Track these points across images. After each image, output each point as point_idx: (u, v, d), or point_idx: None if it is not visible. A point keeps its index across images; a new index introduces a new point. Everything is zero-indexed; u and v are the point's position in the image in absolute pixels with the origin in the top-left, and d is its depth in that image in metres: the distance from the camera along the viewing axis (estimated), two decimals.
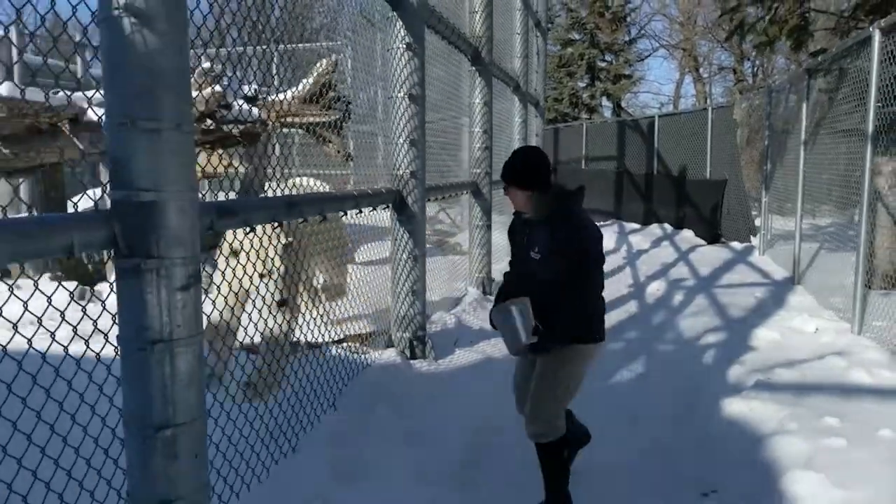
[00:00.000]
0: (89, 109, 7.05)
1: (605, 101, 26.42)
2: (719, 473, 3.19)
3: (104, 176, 8.80)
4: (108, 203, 1.93)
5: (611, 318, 6.35)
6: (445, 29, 5.04)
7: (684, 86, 31.19)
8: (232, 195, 3.72)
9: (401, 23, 4.05)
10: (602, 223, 14.48)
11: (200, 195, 2.81)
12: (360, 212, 3.79)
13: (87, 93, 7.15)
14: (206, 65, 7.17)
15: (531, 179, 2.79)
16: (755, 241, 10.53)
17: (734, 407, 3.77)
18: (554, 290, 2.67)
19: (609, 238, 12.17)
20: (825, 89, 7.00)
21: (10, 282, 2.23)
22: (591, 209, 15.20)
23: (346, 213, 3.98)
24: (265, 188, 3.53)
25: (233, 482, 2.55)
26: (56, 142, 7.17)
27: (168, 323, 1.88)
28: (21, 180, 8.20)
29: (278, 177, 3.35)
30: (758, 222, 10.63)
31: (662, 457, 3.45)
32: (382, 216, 4.58)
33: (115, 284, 1.91)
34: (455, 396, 3.86)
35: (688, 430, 3.72)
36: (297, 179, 6.01)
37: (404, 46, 4.05)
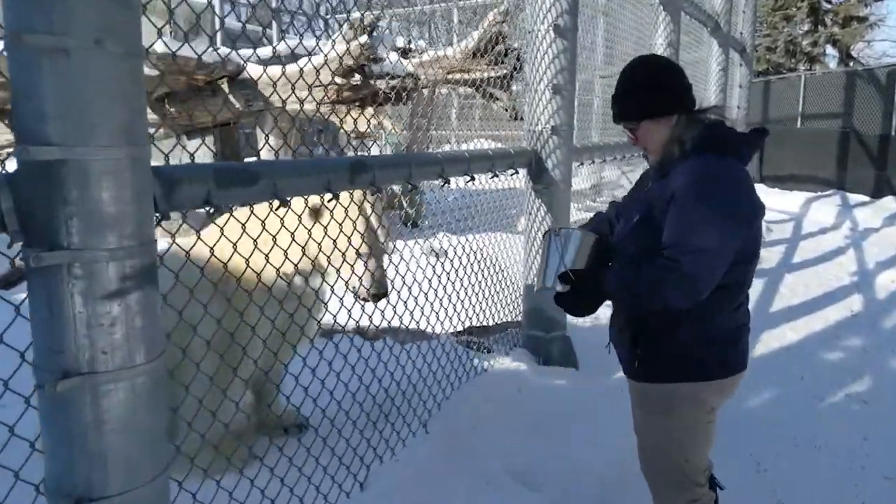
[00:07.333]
0: (247, 67, 6.92)
1: (829, 49, 22.71)
2: None
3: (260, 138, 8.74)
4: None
5: (826, 318, 5.02)
6: None
7: None
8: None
9: None
10: (820, 193, 12.28)
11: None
12: (496, 175, 3.02)
13: (245, 51, 6.88)
14: (357, 15, 6.70)
15: (656, 100, 1.82)
16: None
17: None
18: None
19: (827, 212, 10.17)
20: None
21: None
22: (805, 176, 12.99)
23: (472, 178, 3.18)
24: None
25: None
26: (216, 100, 7.15)
27: (87, 347, 1.24)
28: (188, 140, 8.39)
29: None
30: None
31: None
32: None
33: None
34: (594, 424, 2.96)
35: None
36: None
37: None
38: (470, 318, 3.31)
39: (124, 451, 1.30)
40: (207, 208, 1.59)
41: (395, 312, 2.46)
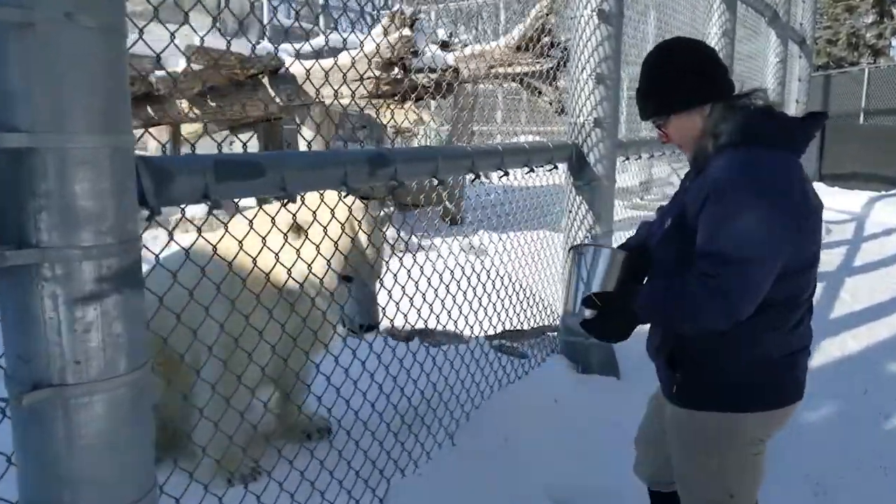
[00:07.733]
0: (289, 62, 6.85)
1: (895, 42, 21.60)
2: None
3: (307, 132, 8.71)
4: None
5: (892, 325, 4.68)
6: None
7: None
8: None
9: None
10: (884, 193, 11.64)
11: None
12: (532, 170, 2.84)
13: (290, 45, 6.79)
14: (398, 6, 6.56)
15: (689, 89, 1.57)
16: None
17: None
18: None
19: (892, 212, 9.59)
20: None
21: None
22: (868, 174, 12.36)
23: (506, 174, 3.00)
24: None
25: None
26: (257, 94, 7.11)
27: (59, 356, 1.12)
28: (234, 137, 8.38)
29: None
30: None
31: None
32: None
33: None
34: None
35: None
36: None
37: None
38: (502, 322, 3.13)
39: (101, 472, 1.18)
40: (207, 203, 1.47)
41: (419, 315, 2.31)
